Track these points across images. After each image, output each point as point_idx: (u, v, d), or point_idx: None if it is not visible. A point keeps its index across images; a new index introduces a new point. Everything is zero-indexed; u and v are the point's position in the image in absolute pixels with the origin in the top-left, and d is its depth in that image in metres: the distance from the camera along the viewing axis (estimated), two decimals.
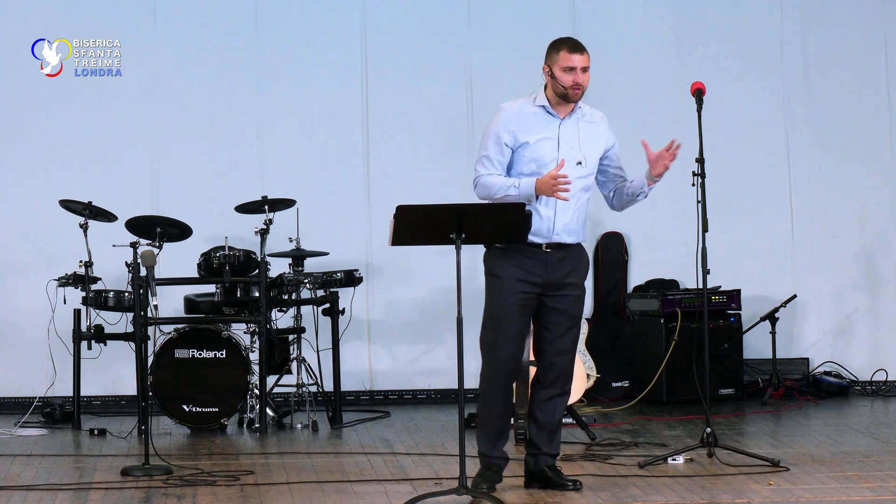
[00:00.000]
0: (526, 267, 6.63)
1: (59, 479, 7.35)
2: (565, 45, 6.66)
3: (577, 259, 6.74)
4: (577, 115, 6.73)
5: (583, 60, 6.64)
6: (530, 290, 6.64)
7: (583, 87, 6.66)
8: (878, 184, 10.58)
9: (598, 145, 6.78)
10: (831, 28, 10.59)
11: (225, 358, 8.90)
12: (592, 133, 6.76)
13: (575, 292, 6.72)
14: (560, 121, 6.70)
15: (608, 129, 6.85)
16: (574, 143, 6.69)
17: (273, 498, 6.79)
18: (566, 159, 6.63)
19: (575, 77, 6.62)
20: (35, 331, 9.66)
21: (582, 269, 6.76)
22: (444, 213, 6.47)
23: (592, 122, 6.79)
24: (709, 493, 6.70)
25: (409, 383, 10.25)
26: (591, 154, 6.74)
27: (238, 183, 10.00)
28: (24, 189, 10.06)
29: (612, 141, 6.85)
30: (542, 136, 6.67)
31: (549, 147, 6.66)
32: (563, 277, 6.67)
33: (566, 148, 6.67)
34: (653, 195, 10.91)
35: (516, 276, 6.63)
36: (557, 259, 6.66)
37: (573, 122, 6.71)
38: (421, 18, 10.36)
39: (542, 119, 6.69)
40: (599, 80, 10.46)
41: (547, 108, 6.70)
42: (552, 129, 6.68)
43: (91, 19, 10.13)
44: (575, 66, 6.62)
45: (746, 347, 10.19)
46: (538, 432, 6.82)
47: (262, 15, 10.29)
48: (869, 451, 7.79)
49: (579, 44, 6.68)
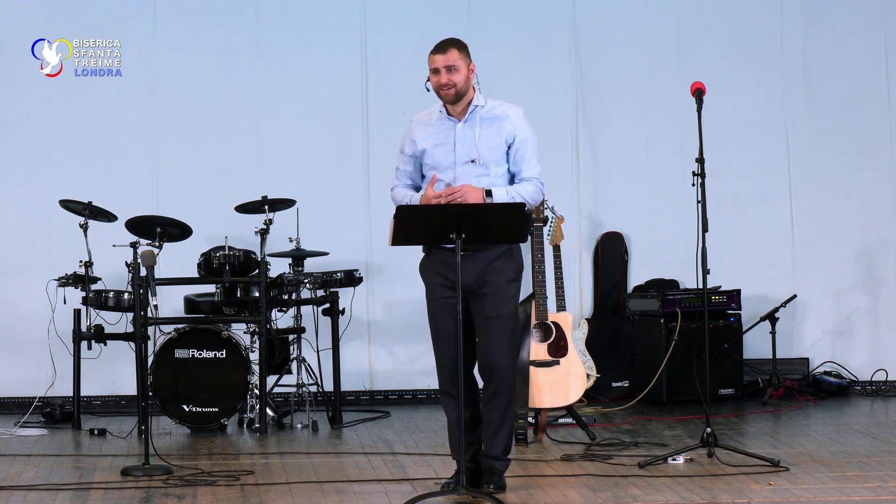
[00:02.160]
0: (443, 272, 6.63)
1: (59, 479, 7.35)
2: (433, 48, 6.64)
3: (494, 260, 6.62)
4: (479, 113, 6.66)
5: (445, 60, 6.58)
6: (453, 294, 6.58)
7: (454, 85, 6.59)
8: (878, 184, 10.58)
9: (498, 140, 6.65)
10: (831, 28, 10.60)
11: (225, 358, 8.90)
12: (493, 129, 6.65)
13: (492, 291, 6.61)
14: (457, 123, 6.67)
15: (517, 123, 6.66)
16: (472, 143, 6.64)
17: (273, 498, 6.79)
18: (462, 161, 6.60)
19: (439, 78, 6.59)
20: (35, 331, 9.66)
21: (500, 268, 6.62)
22: (444, 213, 6.47)
23: (496, 118, 6.66)
24: (709, 493, 6.70)
25: (409, 383, 10.25)
26: (487, 151, 6.63)
27: (238, 183, 10.00)
28: (24, 189, 10.06)
29: (514, 135, 6.65)
30: (439, 142, 6.67)
31: (444, 152, 6.65)
32: (477, 279, 6.61)
33: (462, 149, 6.63)
34: (653, 195, 10.95)
35: (438, 281, 6.65)
36: (471, 262, 6.59)
37: (472, 122, 6.66)
38: (421, 18, 10.36)
39: (441, 125, 6.70)
40: (600, 80, 10.54)
41: (445, 113, 6.70)
42: (449, 134, 6.67)
43: (91, 19, 10.13)
44: (438, 67, 6.59)
45: (746, 347, 10.19)
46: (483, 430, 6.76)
47: (262, 15, 10.30)
48: (869, 451, 7.79)
49: (445, 44, 6.62)
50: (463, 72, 6.60)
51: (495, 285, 6.61)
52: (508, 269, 6.64)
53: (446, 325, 6.62)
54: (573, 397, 8.37)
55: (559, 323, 8.42)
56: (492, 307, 6.62)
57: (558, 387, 8.33)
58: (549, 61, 10.46)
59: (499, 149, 6.65)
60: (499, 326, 6.62)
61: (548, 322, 8.39)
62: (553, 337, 8.39)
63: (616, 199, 10.49)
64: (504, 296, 6.63)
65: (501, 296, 6.62)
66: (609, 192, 10.48)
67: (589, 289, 10.46)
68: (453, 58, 6.58)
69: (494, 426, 6.71)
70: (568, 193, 10.30)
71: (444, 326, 6.64)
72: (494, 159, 6.64)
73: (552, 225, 8.79)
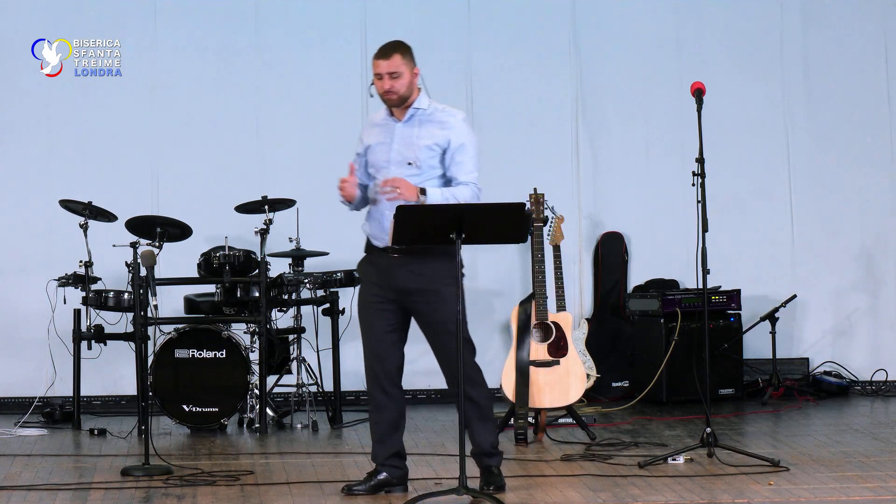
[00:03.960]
0: (376, 273, 6.66)
1: (59, 479, 7.35)
2: (377, 53, 6.63)
3: (429, 264, 6.59)
4: (419, 116, 6.66)
5: (388, 66, 6.57)
6: (384, 295, 6.62)
7: (396, 92, 6.59)
8: (878, 184, 10.58)
9: (433, 144, 6.63)
10: (831, 28, 10.60)
11: (225, 358, 8.90)
12: (430, 132, 6.64)
13: (424, 297, 6.59)
14: (397, 124, 6.69)
15: (455, 128, 6.64)
16: (408, 143, 6.64)
17: (273, 498, 6.79)
18: (396, 161, 6.60)
19: (382, 84, 6.60)
20: (35, 331, 9.66)
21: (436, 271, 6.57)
22: (444, 213, 6.47)
23: (435, 122, 6.65)
24: (709, 493, 6.70)
25: (409, 383, 10.10)
26: (422, 154, 6.62)
27: (238, 183, 10.00)
28: (24, 189, 10.06)
29: (450, 139, 6.62)
30: (380, 141, 6.70)
31: (382, 151, 6.68)
32: (409, 282, 6.60)
33: (398, 150, 6.64)
34: (653, 195, 10.94)
35: (370, 280, 6.70)
36: (403, 266, 6.60)
37: (411, 124, 6.66)
38: (421, 18, 10.36)
39: (385, 125, 6.73)
40: (600, 80, 10.54)
41: (388, 114, 6.73)
42: (388, 134, 6.69)
43: (91, 19, 10.13)
44: (381, 73, 6.59)
45: (746, 347, 10.19)
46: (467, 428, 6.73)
47: (262, 15, 10.30)
48: (869, 451, 7.79)
49: (387, 48, 6.61)
50: (406, 77, 6.60)
51: (431, 291, 6.59)
52: (446, 271, 6.55)
53: (373, 324, 6.67)
54: (573, 397, 8.37)
55: (559, 323, 8.42)
56: (430, 313, 6.61)
57: (558, 387, 8.33)
58: (549, 61, 10.46)
59: (433, 151, 6.64)
60: (440, 332, 6.61)
61: (548, 322, 8.40)
62: (553, 337, 8.39)
63: (616, 199, 10.49)
64: (441, 300, 6.57)
65: (439, 302, 6.57)
66: (609, 192, 10.48)
67: (589, 289, 10.46)
68: (396, 63, 6.59)
69: (474, 424, 6.71)
70: (568, 193, 10.30)
71: (371, 324, 6.68)
72: (429, 162, 6.63)
73: (552, 225, 8.80)
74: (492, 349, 10.21)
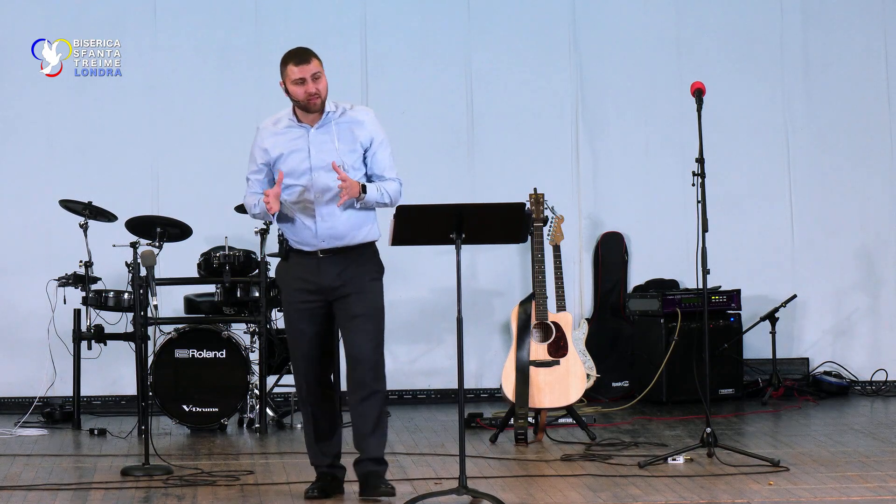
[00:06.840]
0: (302, 275, 6.62)
1: (59, 479, 7.35)
2: (292, 59, 6.59)
3: (354, 260, 6.59)
4: (333, 119, 6.62)
5: (310, 69, 6.55)
6: (311, 298, 6.60)
7: (321, 94, 6.56)
8: (878, 184, 10.58)
9: (355, 145, 6.62)
10: (831, 28, 10.60)
11: (225, 358, 8.90)
12: (351, 133, 6.62)
13: (355, 290, 6.57)
14: (309, 130, 6.64)
15: (372, 127, 6.65)
16: (329, 147, 6.59)
17: (273, 498, 6.79)
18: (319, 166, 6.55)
19: (307, 88, 6.55)
20: (35, 331, 9.66)
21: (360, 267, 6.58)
22: (444, 213, 6.47)
23: (351, 122, 6.64)
24: (709, 493, 6.70)
25: (409, 383, 10.25)
26: (347, 157, 6.59)
27: (238, 183, 9.92)
28: (24, 189, 10.06)
29: (371, 138, 6.64)
30: (293, 149, 6.63)
31: (299, 158, 6.61)
32: (336, 279, 6.58)
33: (318, 154, 6.58)
34: (653, 195, 10.94)
35: (294, 285, 6.65)
36: (331, 263, 6.58)
37: (326, 128, 6.62)
38: (421, 18, 10.37)
39: (291, 132, 6.66)
40: (600, 79, 10.54)
41: (295, 120, 6.67)
42: (302, 141, 6.63)
43: (91, 19, 10.13)
44: (304, 77, 6.55)
45: (746, 347, 10.19)
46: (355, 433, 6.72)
47: (262, 15, 10.30)
48: (869, 451, 7.79)
49: (305, 54, 6.58)
50: (324, 80, 6.59)
51: (358, 284, 6.58)
52: (369, 267, 6.60)
53: (306, 329, 6.63)
54: (573, 397, 8.37)
55: (559, 323, 8.42)
56: (357, 305, 6.58)
57: (558, 387, 8.33)
58: (549, 61, 10.46)
59: (356, 153, 6.62)
60: (365, 324, 6.58)
61: (548, 322, 8.39)
62: (553, 337, 8.39)
63: (616, 199, 10.49)
64: (368, 293, 6.58)
65: (366, 293, 6.58)
66: (609, 192, 10.49)
67: (589, 289, 10.46)
68: (316, 66, 6.57)
69: (370, 425, 6.65)
70: (568, 193, 10.31)
71: (303, 330, 6.64)
72: (353, 164, 6.60)
73: (552, 225, 8.80)
74: (492, 349, 10.22)
